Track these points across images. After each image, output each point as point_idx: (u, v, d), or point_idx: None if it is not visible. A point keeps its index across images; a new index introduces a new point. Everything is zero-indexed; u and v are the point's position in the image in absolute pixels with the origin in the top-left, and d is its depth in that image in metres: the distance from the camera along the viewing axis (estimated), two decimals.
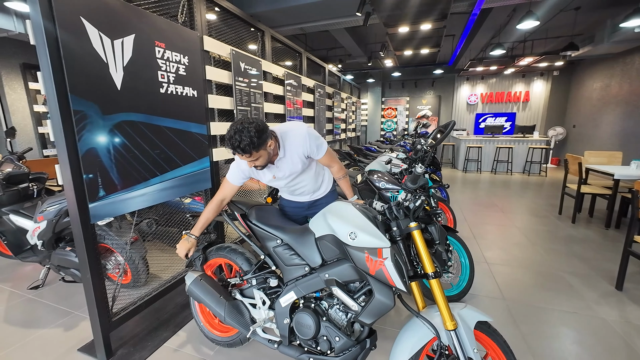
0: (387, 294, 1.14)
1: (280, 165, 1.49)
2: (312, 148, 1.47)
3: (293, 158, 1.47)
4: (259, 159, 1.33)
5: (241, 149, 1.24)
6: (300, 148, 1.45)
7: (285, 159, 1.47)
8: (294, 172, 1.52)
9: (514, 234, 3.41)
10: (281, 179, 1.55)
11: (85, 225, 1.44)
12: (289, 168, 1.49)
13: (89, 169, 1.44)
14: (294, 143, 1.45)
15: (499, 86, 9.62)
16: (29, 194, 2.42)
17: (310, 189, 1.68)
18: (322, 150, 1.52)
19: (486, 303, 2.12)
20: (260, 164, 1.37)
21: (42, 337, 1.82)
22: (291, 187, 1.64)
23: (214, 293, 1.48)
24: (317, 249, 1.31)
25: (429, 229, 1.25)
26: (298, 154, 1.46)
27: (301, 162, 1.50)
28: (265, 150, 1.32)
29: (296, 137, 1.45)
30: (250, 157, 1.30)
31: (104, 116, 1.50)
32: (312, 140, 1.46)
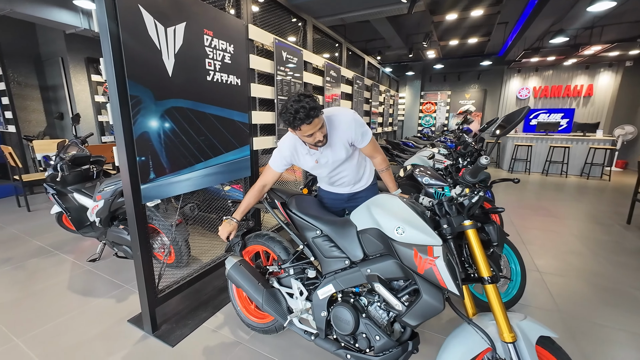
0: (436, 296, 1.05)
1: (323, 151, 1.45)
2: (357, 135, 1.42)
3: (337, 144, 1.43)
4: (323, 125, 1.31)
5: (309, 114, 1.22)
6: (345, 134, 1.41)
7: (329, 144, 1.43)
8: (336, 159, 1.48)
9: (570, 242, 3.07)
10: (323, 166, 1.51)
11: (137, 205, 1.52)
12: (332, 154, 1.46)
13: (141, 152, 1.51)
14: (339, 128, 1.41)
15: (556, 79, 8.69)
16: (89, 175, 2.65)
17: (351, 180, 1.63)
18: (367, 138, 1.46)
19: (539, 315, 1.92)
20: (321, 136, 1.32)
21: (97, 306, 1.99)
22: (332, 177, 1.60)
23: (252, 279, 1.49)
24: (359, 243, 1.26)
25: (486, 228, 1.13)
26: (342, 140, 1.42)
27: (345, 149, 1.45)
28: (321, 118, 1.30)
29: (342, 122, 1.41)
30: (315, 123, 1.26)
31: (156, 102, 1.56)
32: (357, 126, 1.41)
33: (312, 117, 1.24)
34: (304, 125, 1.25)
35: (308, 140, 1.34)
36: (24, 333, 1.72)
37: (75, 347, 1.63)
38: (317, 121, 1.27)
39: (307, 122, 1.24)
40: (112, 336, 1.71)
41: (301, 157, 1.50)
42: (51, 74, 5.20)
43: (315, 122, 1.27)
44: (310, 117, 1.23)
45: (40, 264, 2.53)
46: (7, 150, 3.66)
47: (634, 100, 7.91)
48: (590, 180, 6.33)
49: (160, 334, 1.70)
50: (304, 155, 1.49)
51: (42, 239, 3.00)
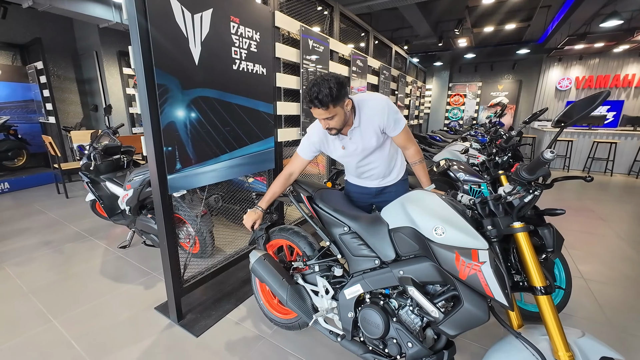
0: (481, 305, 0.95)
1: (352, 137, 1.38)
2: (389, 121, 1.34)
3: (367, 130, 1.36)
4: (334, 117, 1.25)
5: (319, 100, 1.18)
6: (377, 119, 1.33)
7: (359, 130, 1.37)
8: (366, 147, 1.40)
9: (619, 247, 2.78)
10: (352, 155, 1.44)
11: (163, 196, 1.52)
12: (361, 141, 1.38)
13: (168, 142, 1.50)
14: (370, 113, 1.34)
15: (602, 68, 7.93)
16: (120, 164, 2.73)
17: (381, 172, 1.53)
18: (400, 126, 1.37)
19: (586, 327, 1.74)
20: (335, 125, 1.28)
21: (127, 292, 2.05)
22: (360, 167, 1.51)
23: (277, 275, 1.45)
24: (391, 242, 1.17)
25: (540, 232, 1.00)
26: (373, 126, 1.35)
27: (375, 136, 1.37)
28: (342, 108, 1.25)
29: (374, 107, 1.33)
30: (326, 112, 1.22)
31: (183, 91, 1.53)
32: (390, 112, 1.33)
33: (323, 105, 1.19)
34: (314, 107, 1.23)
35: (321, 123, 1.31)
36: (60, 314, 1.81)
37: (106, 330, 1.68)
38: (331, 110, 1.22)
39: (315, 105, 1.21)
40: (140, 322, 1.75)
41: (330, 142, 1.44)
42: (87, 67, 5.45)
43: (323, 111, 1.22)
44: (324, 104, 1.19)
45: (76, 248, 2.66)
46: (48, 140, 3.88)
47: None
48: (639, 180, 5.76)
49: (185, 323, 1.72)
50: (333, 141, 1.44)
51: (78, 224, 3.16)
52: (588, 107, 0.79)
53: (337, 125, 1.29)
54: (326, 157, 3.36)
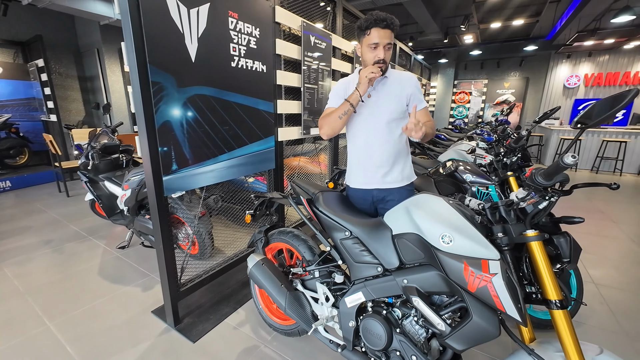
0: (491, 320, 0.89)
1: (377, 87, 1.40)
2: (414, 90, 1.38)
3: (392, 87, 1.38)
4: (391, 47, 1.30)
5: (388, 21, 1.24)
6: (406, 83, 1.38)
7: (385, 82, 1.39)
8: (385, 105, 1.38)
9: (631, 251, 2.69)
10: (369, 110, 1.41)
11: (159, 197, 1.47)
12: (384, 95, 1.38)
13: (164, 142, 1.45)
14: (402, 76, 1.40)
15: (612, 65, 7.74)
16: (119, 163, 2.69)
17: (384, 159, 1.40)
18: (423, 102, 1.39)
19: (599, 336, 1.67)
20: (387, 57, 1.31)
21: (125, 294, 2.01)
22: (369, 144, 1.41)
23: (275, 280, 1.39)
24: (395, 249, 1.10)
25: (555, 241, 0.93)
26: (400, 86, 1.37)
27: (396, 99, 1.37)
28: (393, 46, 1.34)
29: (406, 76, 1.41)
30: (389, 36, 1.27)
31: (179, 89, 1.48)
32: (418, 85, 1.40)
33: (389, 26, 1.25)
34: (376, 27, 1.24)
35: (369, 55, 1.30)
36: (56, 316, 1.77)
37: (102, 334, 1.64)
38: (390, 34, 1.27)
39: (381, 25, 1.24)
40: (137, 326, 1.71)
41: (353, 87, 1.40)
42: (88, 64, 5.42)
43: (388, 34, 1.26)
44: (387, 23, 1.24)
45: (75, 248, 2.63)
46: (48, 138, 3.86)
47: None
48: None
49: (182, 328, 1.68)
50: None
51: (78, 223, 3.14)
52: (613, 106, 0.72)
53: (388, 59, 1.31)
54: (328, 156, 3.29)
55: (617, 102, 0.72)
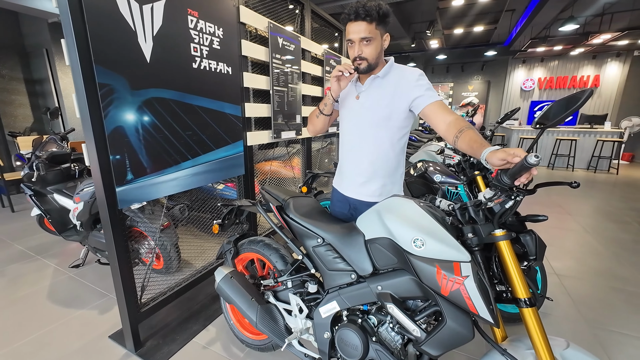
0: (464, 323, 0.87)
1: (370, 88, 1.24)
2: (419, 85, 1.14)
3: (387, 87, 1.20)
4: (371, 41, 1.13)
5: (366, 9, 1.07)
6: (404, 83, 1.17)
7: (379, 82, 1.22)
8: (375, 109, 1.21)
9: (587, 242, 2.90)
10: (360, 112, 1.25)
11: (112, 211, 1.33)
12: (372, 97, 1.23)
13: (116, 150, 1.31)
14: (402, 74, 1.19)
15: (561, 69, 8.44)
16: (71, 174, 2.45)
17: (364, 167, 1.27)
18: (434, 95, 1.14)
19: (564, 326, 1.75)
20: (368, 55, 1.15)
21: (78, 318, 1.81)
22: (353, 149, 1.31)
23: (245, 294, 1.31)
24: (368, 254, 1.07)
25: (522, 239, 0.95)
26: (396, 86, 1.18)
27: (385, 102, 1.19)
28: (380, 36, 1.15)
29: (407, 69, 1.21)
30: (366, 29, 1.10)
31: (133, 91, 1.35)
32: (422, 81, 1.16)
33: (361, 16, 1.08)
34: (349, 22, 1.12)
35: (350, 51, 1.18)
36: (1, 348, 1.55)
37: None
38: (371, 29, 1.11)
39: (353, 18, 1.10)
40: (92, 354, 1.54)
41: (344, 91, 1.32)
42: (37, 66, 4.95)
43: (363, 27, 1.10)
44: (359, 14, 1.08)
45: (21, 270, 2.35)
46: None
47: None
48: (598, 174, 6.16)
49: (145, 352, 1.53)
50: (350, 86, 1.31)
51: (24, 242, 2.82)
52: (569, 107, 0.74)
53: (369, 55, 1.15)
54: (301, 160, 3.24)
55: (572, 102, 0.74)
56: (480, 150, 0.91)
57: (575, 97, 0.74)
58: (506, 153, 0.81)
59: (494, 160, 0.84)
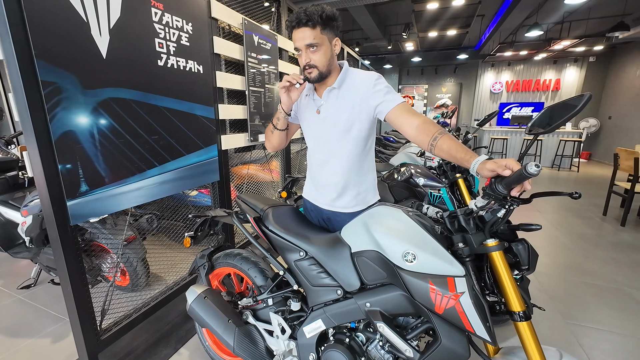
0: (460, 342, 0.82)
1: (328, 100, 1.15)
2: (378, 92, 1.06)
3: (345, 97, 1.12)
4: (319, 47, 1.04)
5: (307, 14, 1.00)
6: (363, 87, 1.09)
7: (336, 94, 1.13)
8: (337, 119, 1.13)
9: (555, 238, 3.03)
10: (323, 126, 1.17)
11: (62, 227, 1.16)
12: (335, 109, 1.13)
13: (66, 158, 1.14)
14: (357, 79, 1.12)
15: (526, 73, 8.93)
16: (19, 183, 2.18)
17: (335, 181, 1.19)
18: (395, 98, 1.06)
19: (543, 324, 1.78)
20: (317, 62, 1.06)
21: (27, 348, 1.59)
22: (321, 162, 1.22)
23: (220, 316, 1.19)
24: (355, 268, 1.00)
25: (514, 248, 0.91)
26: (354, 94, 1.10)
27: (349, 110, 1.10)
28: (329, 42, 1.07)
29: (363, 74, 1.13)
30: (311, 35, 1.02)
31: (85, 91, 1.19)
32: (381, 83, 1.08)
33: (303, 22, 1.01)
34: (294, 29, 1.05)
35: (299, 60, 1.10)
36: None
37: None
38: (317, 34, 1.03)
39: (295, 24, 1.04)
40: None
41: (304, 103, 1.22)
42: None
43: (307, 33, 1.02)
44: (300, 20, 1.02)
45: None
46: None
47: (596, 94, 8.30)
48: (561, 172, 6.55)
49: None
50: (308, 103, 1.21)
51: None
52: (568, 111, 0.71)
53: (319, 62, 1.06)
54: (280, 163, 3.13)
55: (568, 108, 0.71)
56: (468, 161, 0.87)
57: (571, 102, 0.71)
58: (497, 165, 0.78)
59: (484, 172, 0.81)
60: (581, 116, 8.40)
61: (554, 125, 0.75)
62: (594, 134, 8.26)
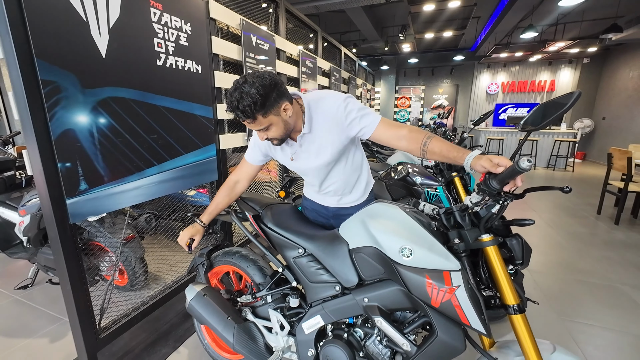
0: (456, 335, 0.84)
1: (303, 144, 1.11)
2: (352, 121, 1.02)
3: (321, 137, 1.07)
4: (270, 127, 0.99)
5: (240, 110, 0.92)
6: (335, 122, 1.04)
7: (310, 137, 1.09)
8: (319, 159, 1.12)
9: (550, 236, 3.06)
10: (303, 168, 1.18)
11: (62, 226, 1.16)
12: (313, 152, 1.11)
13: (65, 156, 1.15)
14: (326, 114, 1.05)
15: (521, 75, 9.03)
16: (16, 183, 2.17)
17: (339, 187, 1.22)
18: (372, 120, 1.02)
19: (538, 321, 1.81)
20: (275, 136, 1.02)
21: (26, 349, 1.59)
22: (317, 179, 1.25)
23: (220, 313, 1.20)
24: (353, 264, 1.01)
25: (509, 243, 0.93)
26: (330, 131, 1.06)
27: (331, 147, 1.08)
28: (277, 116, 0.98)
29: (330, 106, 1.04)
30: (255, 124, 0.97)
31: (85, 90, 1.20)
32: (352, 110, 1.02)
33: (248, 116, 0.93)
34: (246, 121, 0.97)
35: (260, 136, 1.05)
36: None
37: None
38: (261, 121, 0.96)
39: (241, 118, 0.95)
40: None
41: (278, 148, 1.17)
42: None
43: (259, 122, 0.96)
44: (248, 115, 0.93)
45: None
46: None
47: (590, 95, 8.40)
48: (556, 172, 6.62)
49: None
50: (281, 148, 1.17)
51: None
52: (559, 108, 0.73)
53: (276, 136, 1.03)
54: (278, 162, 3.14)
55: (559, 105, 0.73)
56: (461, 157, 0.89)
57: (561, 100, 0.73)
58: (490, 162, 0.81)
59: (478, 167, 0.84)
60: (576, 117, 8.50)
61: (545, 122, 0.77)
62: (588, 134, 8.35)
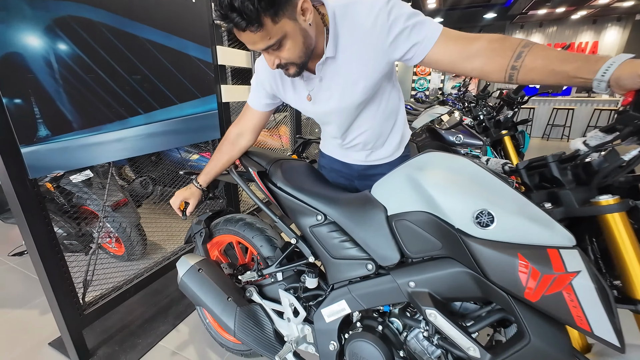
0: (559, 344, 0.56)
1: (324, 76, 0.78)
2: (398, 33, 0.68)
3: (352, 61, 0.75)
4: (283, 42, 0.65)
5: (238, 10, 0.57)
6: (370, 37, 0.70)
7: (334, 64, 0.76)
8: (347, 99, 0.80)
9: None
10: (323, 111, 0.86)
11: (18, 181, 0.92)
12: (340, 86, 0.79)
13: (12, 90, 0.88)
14: (358, 26, 0.71)
15: (559, 36, 8.06)
16: None
17: (369, 138, 0.93)
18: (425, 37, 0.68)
19: None
20: (289, 58, 0.69)
21: (14, 320, 1.45)
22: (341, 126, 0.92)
23: (218, 293, 0.96)
24: (392, 236, 0.73)
25: None
26: (364, 52, 0.73)
27: (364, 79, 0.76)
28: (293, 20, 0.64)
29: (365, 12, 0.70)
30: (262, 37, 0.62)
31: (34, 1, 0.89)
32: (399, 16, 0.67)
33: (248, 21, 0.59)
34: (235, 30, 0.62)
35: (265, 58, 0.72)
36: None
37: None
38: (269, 29, 0.62)
39: (239, 26, 0.60)
40: None
41: (288, 86, 0.86)
42: None
43: (266, 31, 0.62)
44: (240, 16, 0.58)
45: None
46: None
47: None
48: None
49: None
50: (292, 85, 0.85)
51: None
52: None
53: (293, 57, 0.69)
54: (290, 128, 2.82)
55: None
56: (593, 67, 0.53)
57: None
58: None
59: (629, 82, 0.50)
60: None
61: None
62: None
